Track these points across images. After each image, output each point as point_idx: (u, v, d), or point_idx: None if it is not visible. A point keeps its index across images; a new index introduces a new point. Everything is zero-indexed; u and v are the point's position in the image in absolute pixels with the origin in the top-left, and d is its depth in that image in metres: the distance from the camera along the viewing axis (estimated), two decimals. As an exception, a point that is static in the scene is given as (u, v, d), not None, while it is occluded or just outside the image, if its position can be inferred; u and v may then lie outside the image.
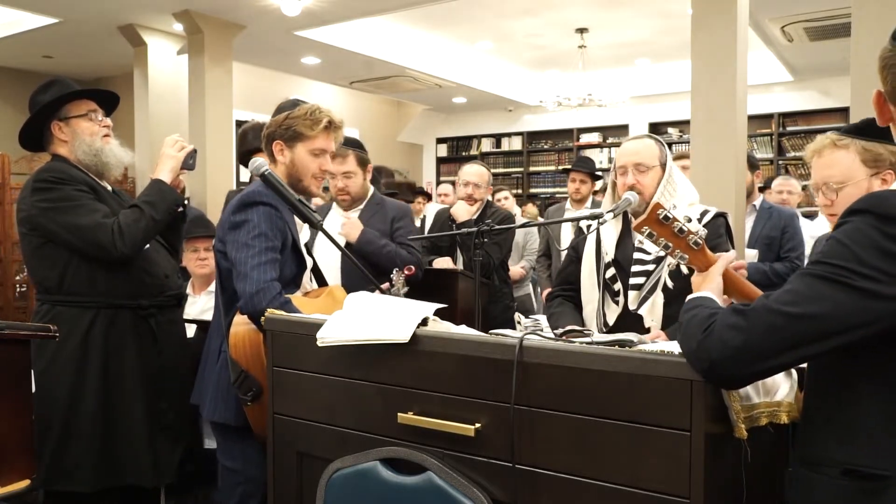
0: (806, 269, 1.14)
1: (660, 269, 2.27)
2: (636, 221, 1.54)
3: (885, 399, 1.13)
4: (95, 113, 2.52)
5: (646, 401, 1.29)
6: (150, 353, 2.46)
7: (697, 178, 4.61)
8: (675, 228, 1.51)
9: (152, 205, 2.39)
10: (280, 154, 2.24)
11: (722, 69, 4.62)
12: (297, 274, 2.27)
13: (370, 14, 6.74)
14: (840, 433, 1.17)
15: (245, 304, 2.03)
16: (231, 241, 2.12)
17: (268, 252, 2.08)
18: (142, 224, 2.35)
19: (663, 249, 1.53)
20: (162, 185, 2.44)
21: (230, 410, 2.14)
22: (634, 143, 2.42)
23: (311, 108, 2.24)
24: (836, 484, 1.15)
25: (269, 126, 2.27)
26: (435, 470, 1.50)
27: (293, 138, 2.22)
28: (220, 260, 2.21)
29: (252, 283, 2.02)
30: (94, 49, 7.65)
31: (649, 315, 2.26)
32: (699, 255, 1.52)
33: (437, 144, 12.14)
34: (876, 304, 1.07)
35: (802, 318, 1.10)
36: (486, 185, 4.00)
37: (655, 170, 2.35)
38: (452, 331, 1.60)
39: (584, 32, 7.77)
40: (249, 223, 2.09)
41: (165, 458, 2.47)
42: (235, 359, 2.04)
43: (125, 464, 2.39)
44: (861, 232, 1.09)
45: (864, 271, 1.07)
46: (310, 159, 2.23)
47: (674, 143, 10.16)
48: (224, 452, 2.24)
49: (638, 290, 2.30)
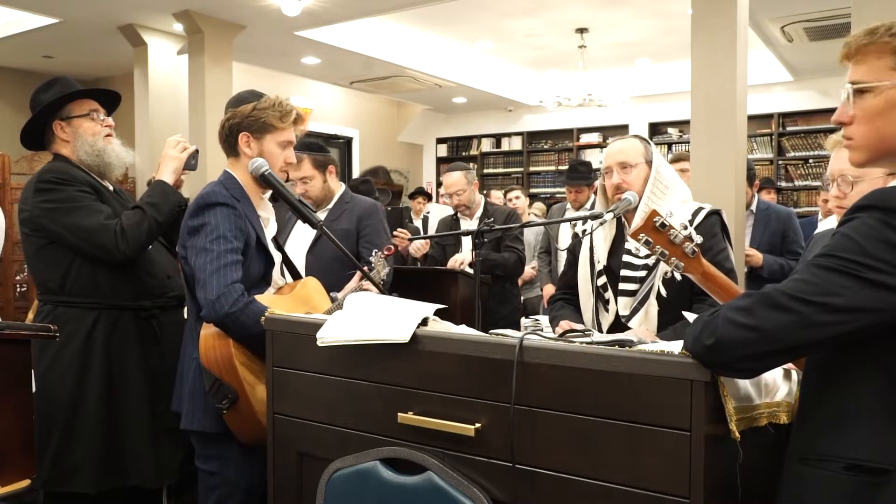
0: (814, 261, 1.15)
1: (653, 277, 2.23)
2: (632, 229, 1.54)
3: (885, 392, 1.14)
4: (97, 112, 2.52)
5: (646, 401, 1.29)
6: (153, 354, 2.46)
7: (697, 178, 4.61)
8: (672, 236, 1.51)
9: (155, 206, 2.38)
10: (246, 146, 2.18)
11: (722, 69, 4.62)
12: (266, 271, 2.21)
13: (370, 14, 6.74)
14: (840, 428, 1.17)
15: (207, 312, 1.97)
16: (190, 247, 2.07)
17: (227, 254, 2.01)
18: (144, 226, 2.34)
19: (660, 257, 1.53)
20: (165, 187, 2.44)
21: (208, 418, 2.07)
22: (618, 143, 2.42)
23: (277, 99, 2.21)
24: (838, 479, 1.15)
25: (231, 117, 2.19)
26: (435, 470, 1.51)
27: (262, 130, 2.17)
28: (184, 266, 2.15)
29: (212, 288, 1.96)
30: (94, 49, 7.65)
31: (644, 324, 2.23)
32: (695, 264, 1.52)
33: (437, 144, 12.13)
34: (884, 295, 1.09)
35: (810, 304, 1.11)
36: (468, 185, 3.98)
37: (641, 167, 2.32)
38: (452, 331, 1.60)
39: (584, 32, 7.77)
40: (207, 226, 2.04)
41: (168, 459, 2.47)
42: (207, 366, 1.97)
43: (128, 464, 2.39)
44: (868, 226, 1.11)
45: (872, 263, 1.09)
46: (278, 151, 2.20)
47: (674, 143, 10.16)
48: (200, 457, 2.17)
49: (628, 297, 2.26)
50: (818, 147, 8.92)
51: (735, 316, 1.16)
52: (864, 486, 1.12)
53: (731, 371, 1.24)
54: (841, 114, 1.30)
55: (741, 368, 1.22)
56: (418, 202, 7.97)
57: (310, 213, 2.20)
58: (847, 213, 1.16)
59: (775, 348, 1.15)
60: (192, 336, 2.17)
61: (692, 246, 1.51)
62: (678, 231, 1.51)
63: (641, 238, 1.52)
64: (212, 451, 2.13)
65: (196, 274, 2.03)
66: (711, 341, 1.18)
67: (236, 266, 2.03)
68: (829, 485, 1.16)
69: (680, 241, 1.51)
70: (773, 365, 1.27)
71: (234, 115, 2.18)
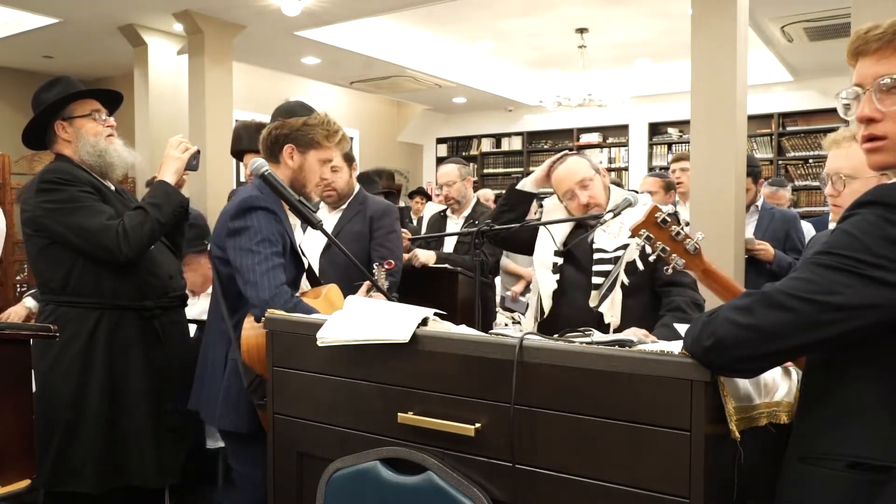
0: (813, 259, 1.14)
1: (618, 267, 2.37)
2: (634, 224, 1.53)
3: (885, 390, 1.13)
4: (99, 113, 2.52)
5: (646, 401, 1.29)
6: (155, 355, 2.46)
7: (697, 178, 4.62)
8: (673, 232, 1.51)
9: (158, 207, 2.38)
10: (290, 157, 2.24)
11: (722, 69, 4.62)
12: (296, 276, 2.26)
13: (370, 14, 6.74)
14: (841, 427, 1.16)
15: (261, 313, 1.99)
16: (232, 248, 2.10)
17: (273, 257, 2.08)
18: (147, 227, 2.34)
19: (661, 253, 1.53)
20: (167, 188, 2.43)
21: (242, 419, 2.12)
22: (563, 167, 2.58)
23: (326, 117, 2.28)
24: (839, 477, 1.15)
25: (279, 127, 2.24)
26: (435, 470, 1.51)
27: (308, 145, 2.25)
28: (218, 266, 2.19)
29: (264, 289, 2.02)
30: (94, 49, 7.65)
31: (609, 312, 2.36)
32: (696, 260, 1.52)
33: (437, 144, 12.13)
34: (885, 292, 1.08)
35: (811, 303, 1.10)
36: (460, 180, 3.98)
37: (596, 178, 2.52)
38: (452, 331, 1.60)
39: (584, 32, 7.77)
40: (251, 229, 2.08)
41: (170, 459, 2.47)
42: (249, 363, 2.01)
43: (130, 465, 2.39)
44: (869, 222, 1.10)
45: (873, 260, 1.08)
46: (318, 167, 2.27)
47: (674, 143, 10.17)
48: (236, 457, 2.22)
49: (597, 290, 2.40)
50: (818, 147, 8.93)
51: (734, 316, 1.16)
52: (866, 484, 1.12)
53: (732, 371, 1.24)
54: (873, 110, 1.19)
55: (741, 368, 1.21)
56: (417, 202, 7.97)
57: (310, 214, 2.21)
58: (847, 209, 1.15)
59: (775, 348, 1.14)
60: (217, 336, 2.21)
61: (693, 243, 1.51)
62: (679, 227, 1.51)
63: (643, 234, 1.51)
64: (246, 453, 2.17)
65: (243, 274, 2.06)
66: (711, 342, 1.17)
67: (282, 269, 2.09)
68: (831, 483, 1.16)
69: (681, 238, 1.51)
70: (773, 364, 1.26)
71: (283, 125, 2.24)
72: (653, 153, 10.40)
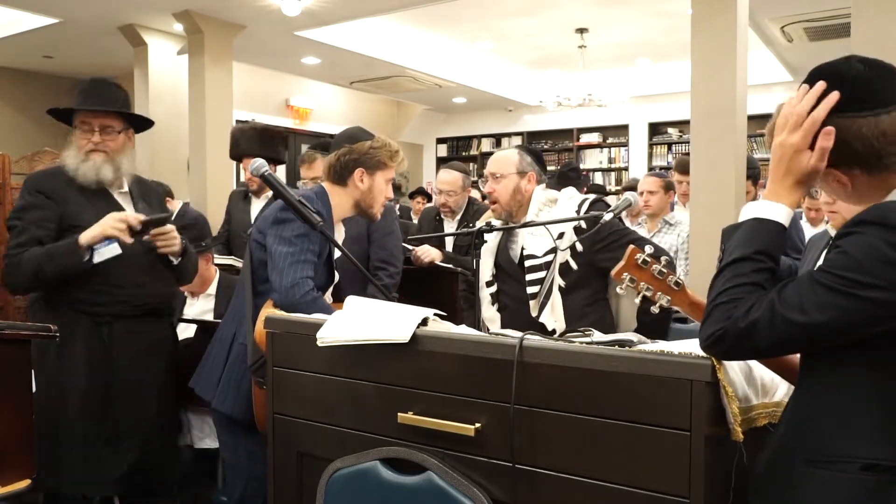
0: (815, 277, 1.16)
1: (552, 272, 2.39)
2: (615, 269, 1.54)
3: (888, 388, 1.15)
4: (87, 126, 2.50)
5: (646, 401, 1.29)
6: (99, 363, 2.45)
7: (697, 179, 4.62)
8: (655, 271, 1.52)
9: (51, 257, 2.35)
10: (360, 180, 2.34)
11: (722, 69, 4.62)
12: (325, 285, 2.33)
13: (370, 14, 6.74)
14: (850, 429, 1.17)
15: (280, 297, 2.08)
16: (273, 235, 2.17)
17: (307, 253, 2.15)
18: (29, 269, 2.35)
19: (645, 293, 1.54)
20: (74, 247, 2.35)
21: (237, 404, 2.18)
22: (497, 153, 2.64)
23: (387, 140, 2.41)
24: (854, 480, 1.15)
25: (349, 153, 2.33)
26: (435, 470, 1.51)
27: (375, 167, 2.35)
28: (255, 250, 2.25)
29: (287, 276, 2.09)
30: (94, 49, 7.65)
31: (551, 317, 2.37)
32: (681, 295, 1.53)
33: (437, 144, 12.14)
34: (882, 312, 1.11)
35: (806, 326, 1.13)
36: (461, 190, 3.99)
37: (511, 178, 2.53)
38: (452, 331, 1.60)
39: (583, 32, 7.77)
40: (296, 223, 2.16)
41: (106, 470, 2.44)
42: (258, 343, 2.03)
43: (61, 471, 2.40)
44: (869, 244, 1.12)
45: (871, 281, 1.10)
46: (384, 186, 2.39)
47: (674, 143, 10.17)
48: (227, 447, 2.28)
49: (535, 300, 2.41)
50: (818, 147, 8.92)
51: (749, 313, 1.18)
52: (882, 486, 1.14)
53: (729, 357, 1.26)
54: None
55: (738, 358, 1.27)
56: (417, 202, 7.98)
57: (310, 215, 2.21)
58: (848, 224, 1.16)
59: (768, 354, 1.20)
60: (232, 316, 2.28)
61: (676, 278, 1.52)
62: (660, 266, 1.52)
63: (625, 277, 1.53)
64: (238, 443, 2.23)
65: (273, 259, 2.14)
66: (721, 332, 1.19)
67: (311, 265, 2.17)
68: (844, 486, 1.16)
69: (665, 276, 1.52)
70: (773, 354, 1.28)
71: (351, 150, 2.34)
72: (653, 153, 10.40)
